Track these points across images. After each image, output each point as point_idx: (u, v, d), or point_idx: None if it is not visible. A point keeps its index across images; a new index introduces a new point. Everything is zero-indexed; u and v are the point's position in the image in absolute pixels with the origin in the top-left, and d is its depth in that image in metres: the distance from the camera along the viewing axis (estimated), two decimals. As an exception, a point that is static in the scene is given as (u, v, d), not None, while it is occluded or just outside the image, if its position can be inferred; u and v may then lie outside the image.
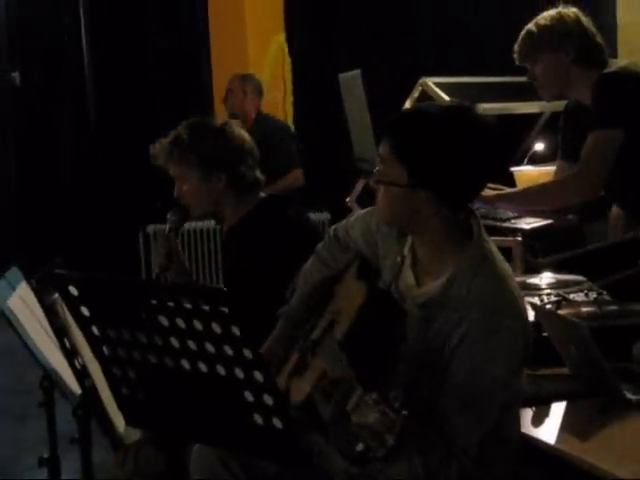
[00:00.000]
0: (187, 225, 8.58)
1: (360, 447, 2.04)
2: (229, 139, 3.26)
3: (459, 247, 2.35)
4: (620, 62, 3.74)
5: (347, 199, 5.45)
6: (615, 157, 3.48)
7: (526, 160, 4.91)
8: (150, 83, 9.31)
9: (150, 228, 8.75)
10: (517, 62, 3.68)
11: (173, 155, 3.27)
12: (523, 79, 5.60)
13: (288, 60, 7.09)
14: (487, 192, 3.56)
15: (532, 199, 3.73)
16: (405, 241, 2.48)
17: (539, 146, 5.02)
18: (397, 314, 2.31)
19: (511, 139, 3.99)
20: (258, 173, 3.30)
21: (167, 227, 3.41)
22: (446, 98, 4.82)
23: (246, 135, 3.33)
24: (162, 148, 3.28)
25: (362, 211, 2.74)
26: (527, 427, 2.51)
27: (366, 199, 2.75)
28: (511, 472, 2.41)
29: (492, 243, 2.41)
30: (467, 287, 2.28)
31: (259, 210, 3.28)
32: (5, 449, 5.50)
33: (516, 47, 3.69)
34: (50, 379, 2.67)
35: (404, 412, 2.05)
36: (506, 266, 2.39)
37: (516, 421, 2.44)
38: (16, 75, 10.54)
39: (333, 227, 2.82)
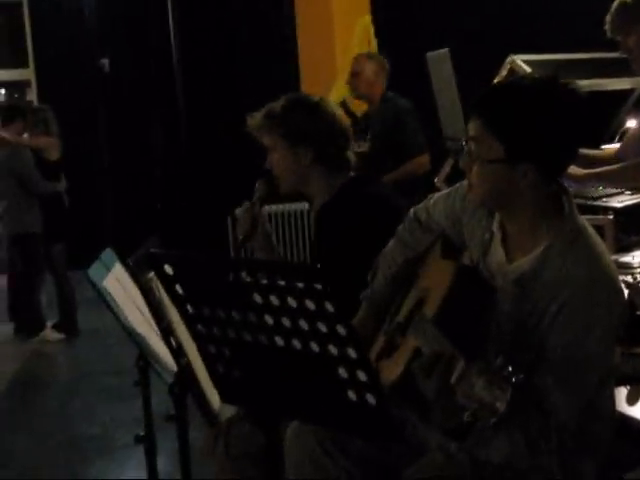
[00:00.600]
0: (276, 207, 8.67)
1: (468, 417, 2.03)
2: (321, 116, 3.26)
3: (552, 222, 2.33)
4: None
5: (435, 179, 5.43)
6: None
7: (617, 137, 4.84)
8: (238, 69, 9.36)
9: (239, 211, 8.82)
10: (609, 34, 3.58)
11: (264, 125, 3.29)
12: (614, 55, 5.51)
13: (374, 41, 7.07)
14: (577, 170, 3.50)
15: (624, 176, 3.66)
16: (493, 218, 2.47)
17: (631, 123, 4.94)
18: (487, 290, 2.32)
19: (602, 116, 3.92)
20: (349, 154, 3.29)
21: (255, 196, 3.42)
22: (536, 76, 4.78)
23: (341, 115, 3.33)
24: (256, 118, 3.31)
25: (443, 191, 2.74)
26: (622, 406, 2.49)
27: (455, 179, 2.73)
28: (608, 450, 2.39)
29: (584, 219, 2.39)
30: (561, 262, 2.27)
31: (346, 190, 3.27)
32: (102, 428, 5.62)
33: (608, 18, 3.60)
34: (145, 358, 2.71)
35: (516, 377, 2.02)
36: (600, 242, 2.36)
37: (611, 398, 2.42)
38: (106, 62, 10.70)
39: (413, 209, 2.82)
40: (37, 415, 6.11)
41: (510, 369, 2.02)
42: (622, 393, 2.56)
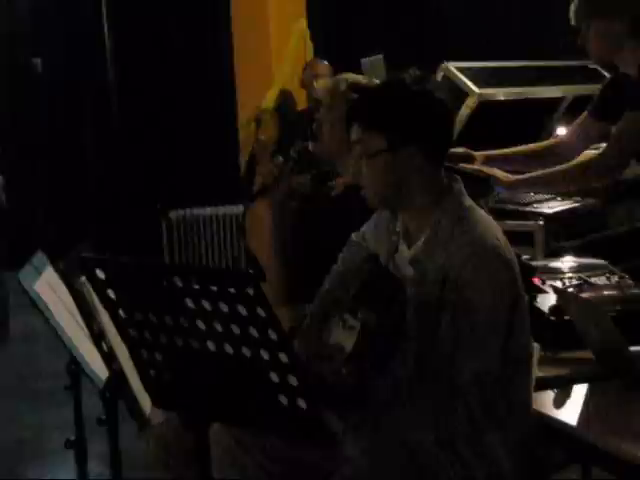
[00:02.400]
0: (204, 211, 8.64)
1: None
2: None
3: (440, 205, 2.47)
4: None
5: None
6: None
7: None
8: (172, 68, 9.33)
9: (173, 214, 8.79)
10: (572, 22, 3.59)
11: (339, 87, 3.35)
12: (545, 63, 5.62)
13: (310, 45, 7.09)
14: (508, 177, 3.54)
15: (554, 182, 3.69)
16: (396, 220, 2.60)
17: (561, 130, 5.02)
18: (394, 283, 2.43)
19: (534, 123, 3.98)
20: None
21: (290, 155, 3.42)
22: (468, 83, 4.83)
23: None
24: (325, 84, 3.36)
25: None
26: (549, 409, 2.53)
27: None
28: (523, 441, 2.45)
29: (472, 202, 2.52)
30: (449, 238, 2.40)
31: None
32: (33, 432, 5.56)
33: (572, 7, 3.60)
34: (76, 362, 2.70)
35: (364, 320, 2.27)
36: (488, 219, 2.49)
37: (526, 391, 2.48)
38: (38, 61, 10.59)
39: (354, 234, 2.88)
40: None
41: (360, 315, 2.26)
42: (549, 396, 2.60)
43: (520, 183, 3.62)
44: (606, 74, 4.06)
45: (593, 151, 3.65)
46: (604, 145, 3.59)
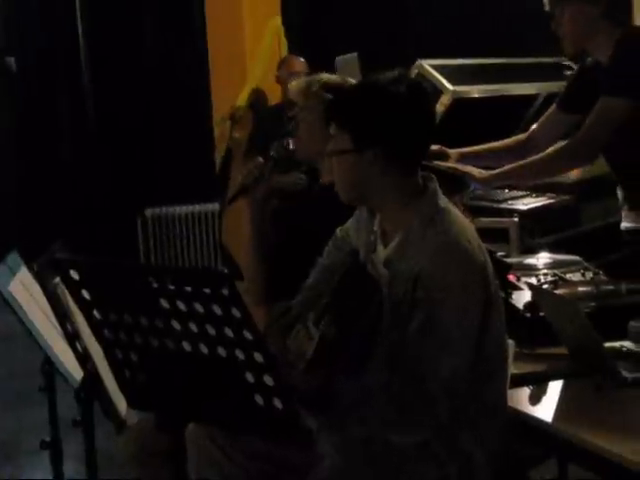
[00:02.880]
0: (180, 209, 8.62)
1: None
2: None
3: (414, 206, 2.47)
4: None
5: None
6: (618, 126, 3.42)
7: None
8: (146, 65, 9.29)
9: (148, 212, 8.76)
10: (546, 7, 3.57)
11: (312, 87, 3.30)
12: (519, 60, 5.63)
13: (285, 43, 7.08)
14: (482, 173, 3.55)
15: (530, 172, 3.68)
16: (374, 218, 2.61)
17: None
18: (370, 284, 2.44)
19: (508, 120, 3.99)
20: None
21: (270, 154, 3.39)
22: (442, 80, 4.83)
23: None
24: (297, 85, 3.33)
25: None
26: (524, 405, 2.54)
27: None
28: (498, 439, 2.46)
29: (447, 202, 2.51)
30: (420, 239, 2.40)
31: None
32: (6, 434, 5.53)
33: None
34: (51, 363, 2.68)
35: (325, 329, 2.28)
36: (462, 220, 2.49)
37: (500, 392, 2.49)
38: (12, 60, 10.53)
39: (339, 228, 2.87)
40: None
41: (322, 324, 2.29)
42: (525, 393, 2.61)
43: (494, 178, 3.62)
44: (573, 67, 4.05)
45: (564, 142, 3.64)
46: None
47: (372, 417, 2.37)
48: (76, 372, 2.48)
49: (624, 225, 3.68)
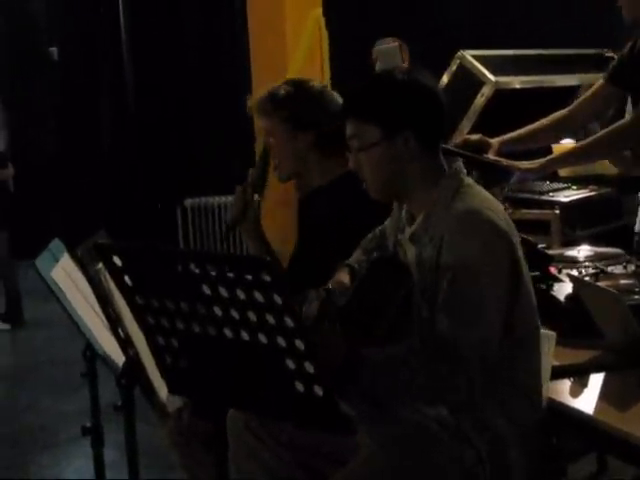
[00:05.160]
0: (219, 199, 8.65)
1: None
2: (325, 102, 3.26)
3: (438, 184, 2.50)
4: None
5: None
6: None
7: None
8: (187, 57, 9.33)
9: (188, 202, 8.80)
10: None
11: (265, 107, 3.28)
12: (561, 52, 5.59)
13: (325, 34, 7.06)
14: (532, 163, 3.51)
15: (589, 153, 3.65)
16: (402, 210, 2.64)
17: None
18: (401, 272, 2.48)
19: (549, 111, 3.96)
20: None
21: (247, 181, 3.39)
22: (484, 71, 4.80)
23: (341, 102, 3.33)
24: (258, 100, 3.30)
25: None
26: (565, 397, 2.53)
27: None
28: (533, 428, 2.46)
29: (471, 180, 2.56)
30: (445, 212, 2.43)
31: (345, 179, 3.24)
32: (49, 419, 5.59)
33: None
34: (92, 349, 2.70)
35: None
36: (489, 196, 2.52)
37: (533, 369, 2.49)
38: (54, 50, 10.61)
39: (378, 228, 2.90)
40: (-19, 407, 6.06)
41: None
42: (566, 385, 2.60)
43: (554, 162, 3.58)
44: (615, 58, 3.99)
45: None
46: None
47: (401, 386, 2.38)
48: (118, 358, 2.50)
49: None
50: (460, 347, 2.30)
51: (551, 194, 4.75)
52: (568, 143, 4.49)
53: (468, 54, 4.91)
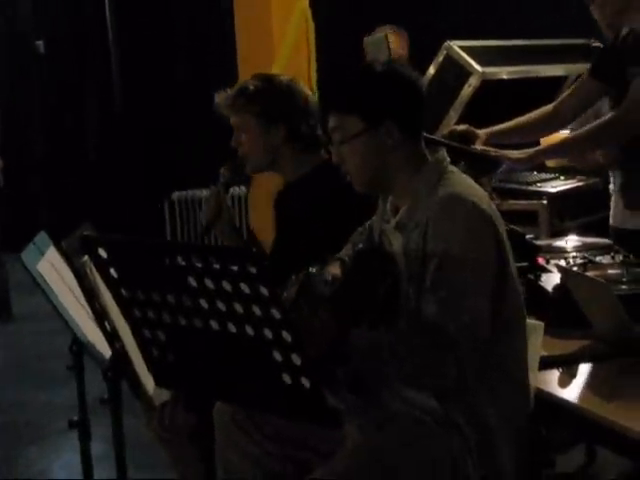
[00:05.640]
0: (207, 192, 8.64)
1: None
2: (293, 95, 3.27)
3: (420, 172, 2.51)
4: None
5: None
6: None
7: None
8: (174, 48, 9.31)
9: (175, 195, 8.78)
10: None
11: (236, 104, 3.28)
12: (548, 42, 5.59)
13: (312, 25, 7.05)
14: (521, 153, 3.50)
15: (577, 145, 3.65)
16: (386, 203, 2.63)
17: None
18: (385, 259, 2.50)
19: (535, 102, 3.95)
20: (320, 133, 3.27)
21: (219, 182, 3.39)
22: (471, 62, 4.80)
23: (310, 94, 3.33)
24: (226, 96, 3.29)
25: None
26: (554, 388, 2.53)
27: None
28: (521, 418, 2.47)
29: (454, 168, 2.56)
30: (428, 195, 2.44)
31: (318, 172, 3.25)
32: (35, 413, 5.57)
33: None
34: (79, 343, 2.69)
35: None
36: (473, 183, 2.52)
37: (519, 359, 2.49)
38: (41, 43, 10.57)
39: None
40: (-32, 401, 6.03)
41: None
42: (554, 375, 2.60)
43: (541, 153, 3.58)
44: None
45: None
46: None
47: (388, 374, 2.41)
48: (104, 351, 2.49)
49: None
50: (449, 332, 2.30)
51: (539, 184, 4.76)
52: (561, 133, 4.48)
53: (455, 45, 4.91)
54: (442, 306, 2.32)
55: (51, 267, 2.61)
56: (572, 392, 2.50)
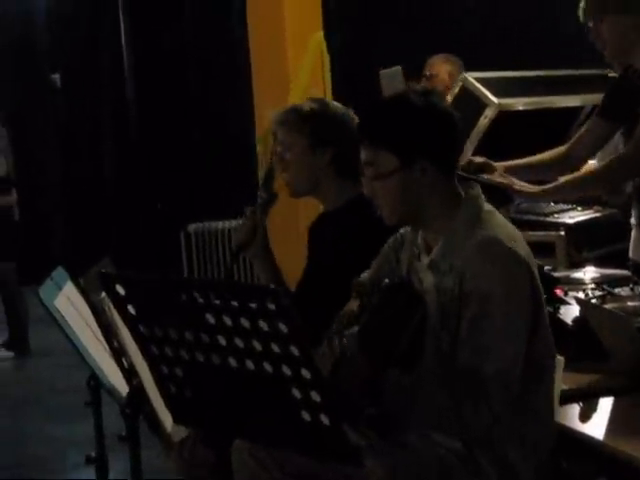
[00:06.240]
0: (222, 224, 8.65)
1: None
2: (346, 122, 3.24)
3: (455, 211, 2.47)
4: None
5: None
6: None
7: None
8: (189, 83, 9.35)
9: (191, 227, 8.79)
10: (581, 19, 3.55)
11: (288, 120, 3.26)
12: (564, 72, 5.58)
13: (327, 57, 7.08)
14: (531, 188, 3.51)
15: (580, 188, 3.65)
16: (417, 235, 2.58)
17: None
18: (414, 298, 2.40)
19: (552, 133, 3.95)
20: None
21: (257, 203, 3.36)
22: (487, 93, 4.80)
23: None
24: (281, 112, 3.29)
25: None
26: (574, 422, 2.51)
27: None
28: (545, 454, 2.43)
29: (490, 205, 2.52)
30: (464, 237, 2.40)
31: (356, 203, 3.18)
32: (52, 448, 5.55)
33: (582, 3, 3.56)
34: (97, 378, 2.69)
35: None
36: (510, 225, 2.49)
37: (546, 399, 2.45)
38: (57, 77, 10.64)
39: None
40: (-15, 435, 6.02)
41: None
42: (575, 410, 2.57)
43: (544, 193, 3.59)
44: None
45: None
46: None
47: (416, 415, 2.37)
48: (122, 387, 2.48)
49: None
50: (483, 377, 2.28)
51: (556, 215, 4.73)
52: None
53: (471, 76, 4.90)
54: (476, 353, 2.30)
55: (68, 302, 2.61)
56: (593, 427, 2.47)
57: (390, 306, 2.40)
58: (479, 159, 3.54)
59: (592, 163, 4.01)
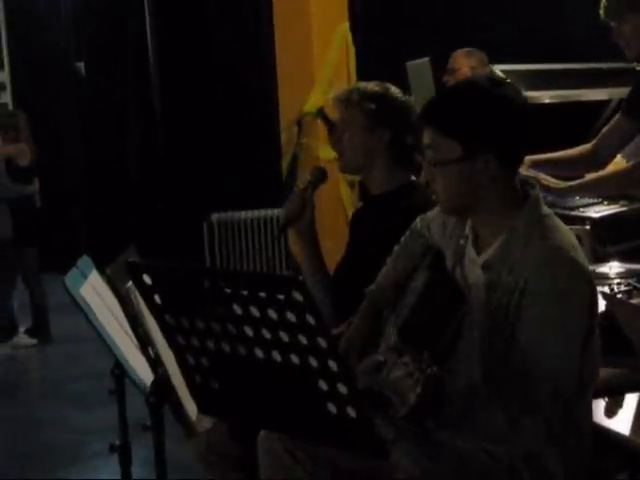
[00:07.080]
0: (245, 214, 8.65)
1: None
2: (407, 108, 3.28)
3: (516, 212, 2.39)
4: None
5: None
6: None
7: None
8: (214, 73, 9.34)
9: (214, 217, 8.79)
10: (602, 18, 3.53)
11: (350, 98, 3.28)
12: (591, 66, 5.55)
13: (352, 49, 7.06)
14: (558, 183, 3.50)
15: (609, 185, 3.64)
16: (464, 224, 2.52)
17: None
18: (457, 297, 2.35)
19: (579, 126, 3.93)
20: (417, 155, 3.24)
21: (308, 180, 3.38)
22: (513, 86, 4.78)
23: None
24: (344, 90, 3.33)
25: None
26: (600, 418, 2.49)
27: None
28: (580, 458, 2.40)
29: (550, 210, 2.44)
30: (524, 244, 2.33)
31: (402, 191, 3.23)
32: (75, 436, 5.57)
33: (603, 2, 3.54)
34: (121, 367, 2.69)
35: (430, 369, 2.17)
36: (565, 229, 2.42)
37: (588, 409, 2.42)
38: (81, 65, 10.66)
39: (419, 218, 2.82)
40: (6, 422, 6.05)
41: (427, 362, 2.18)
42: (600, 405, 2.56)
43: (571, 189, 3.57)
44: None
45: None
46: None
47: (470, 425, 2.34)
48: (146, 376, 2.47)
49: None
50: (538, 377, 2.24)
51: (582, 209, 4.71)
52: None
53: (497, 69, 4.89)
54: (533, 361, 2.25)
55: (94, 291, 2.61)
56: (619, 422, 2.46)
57: (432, 301, 2.37)
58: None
59: (619, 159, 3.99)
